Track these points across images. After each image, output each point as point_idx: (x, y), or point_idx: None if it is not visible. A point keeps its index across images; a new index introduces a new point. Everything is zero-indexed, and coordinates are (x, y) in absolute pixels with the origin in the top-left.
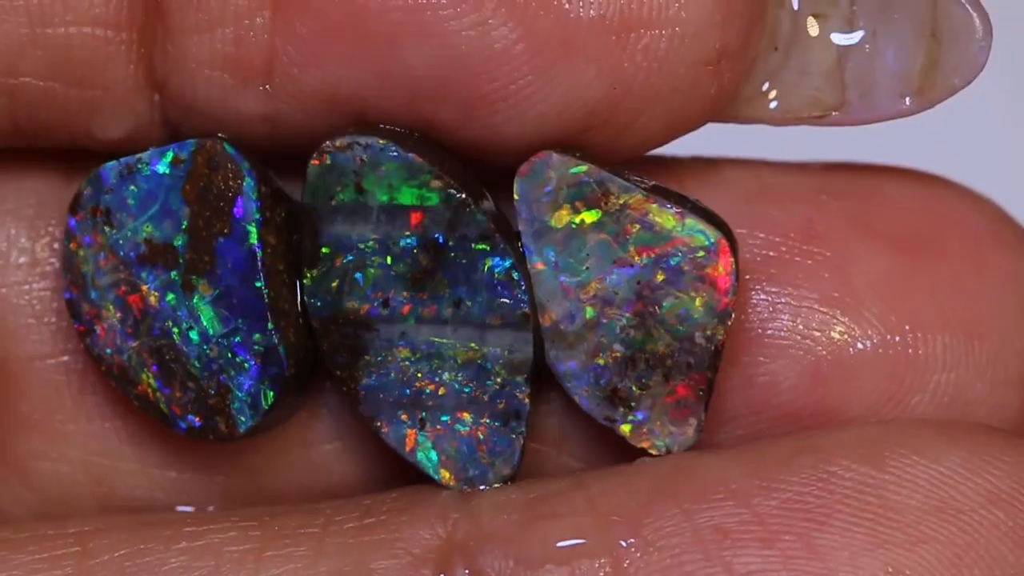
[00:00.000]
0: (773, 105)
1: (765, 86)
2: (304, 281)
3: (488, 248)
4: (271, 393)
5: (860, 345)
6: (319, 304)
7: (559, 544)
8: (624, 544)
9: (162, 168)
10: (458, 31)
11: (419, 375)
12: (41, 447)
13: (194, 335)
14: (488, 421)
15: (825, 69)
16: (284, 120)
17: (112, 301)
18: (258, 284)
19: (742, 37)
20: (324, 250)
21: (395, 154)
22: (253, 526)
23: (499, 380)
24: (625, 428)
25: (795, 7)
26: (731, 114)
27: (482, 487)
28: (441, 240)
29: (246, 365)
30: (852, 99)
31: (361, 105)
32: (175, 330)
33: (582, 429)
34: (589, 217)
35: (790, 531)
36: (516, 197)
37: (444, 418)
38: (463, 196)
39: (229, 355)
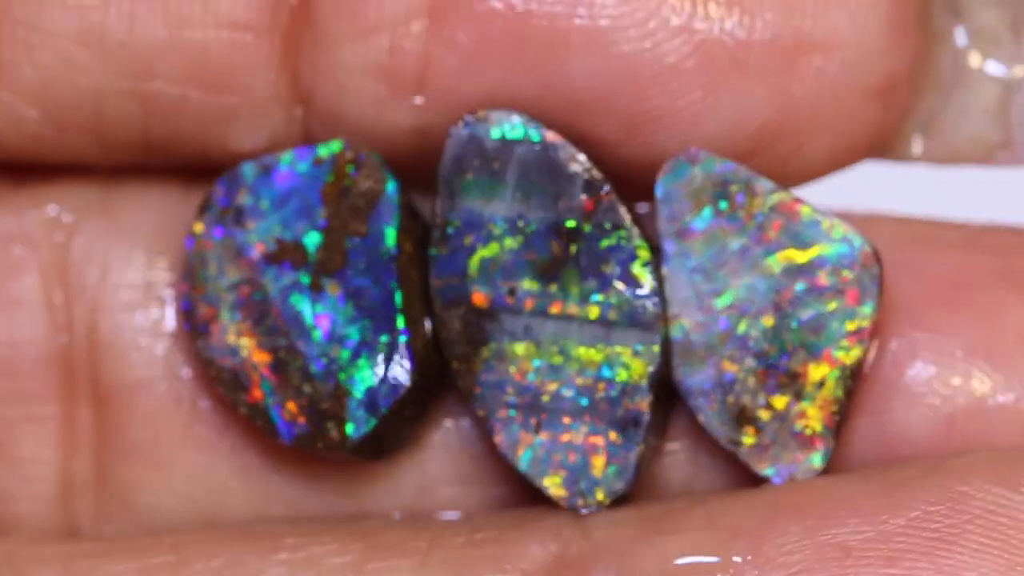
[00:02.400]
0: (934, 144)
1: (926, 124)
2: (429, 260)
3: (624, 239)
4: (389, 398)
5: (1001, 398)
6: (442, 286)
7: (676, 561)
8: (743, 560)
9: (303, 167)
10: (627, 42)
11: (539, 374)
12: (146, 477)
13: (316, 335)
14: (605, 428)
15: (990, 107)
16: (436, 132)
17: (231, 302)
18: (392, 285)
19: (910, 67)
20: (453, 226)
21: (533, 133)
22: (356, 538)
23: (620, 384)
24: (748, 449)
25: (958, 44)
26: (892, 151)
27: (591, 502)
28: (575, 226)
29: (367, 367)
30: (1018, 138)
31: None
32: (296, 331)
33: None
34: (731, 219)
35: (916, 551)
36: (657, 196)
37: (559, 424)
38: (602, 180)
39: (349, 355)
